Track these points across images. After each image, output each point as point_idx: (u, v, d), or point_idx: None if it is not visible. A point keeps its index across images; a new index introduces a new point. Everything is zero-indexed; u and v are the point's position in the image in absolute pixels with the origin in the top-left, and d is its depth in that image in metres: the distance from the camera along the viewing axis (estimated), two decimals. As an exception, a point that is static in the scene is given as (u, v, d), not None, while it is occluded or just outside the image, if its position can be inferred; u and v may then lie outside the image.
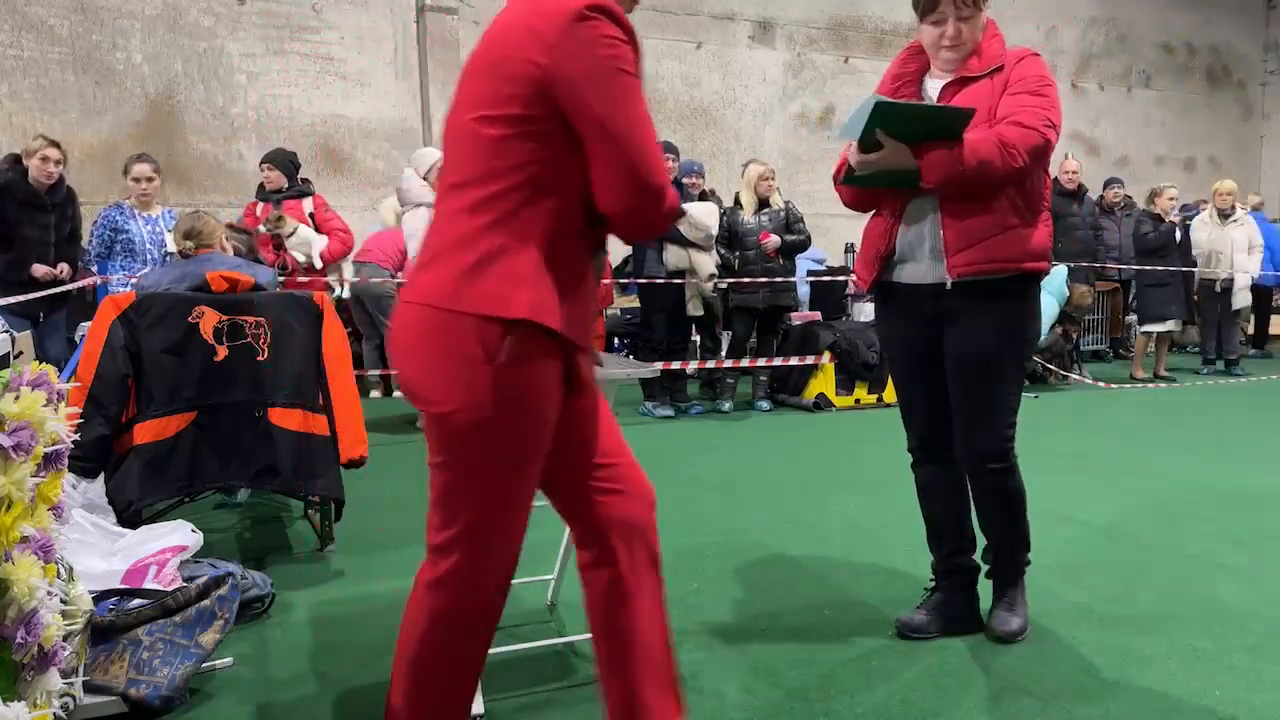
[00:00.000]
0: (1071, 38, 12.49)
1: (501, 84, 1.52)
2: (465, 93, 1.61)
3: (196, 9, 8.42)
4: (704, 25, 10.47)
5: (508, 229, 1.53)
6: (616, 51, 1.49)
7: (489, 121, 1.53)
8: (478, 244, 1.52)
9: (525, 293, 1.52)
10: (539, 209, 1.54)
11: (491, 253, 1.52)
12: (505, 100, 1.52)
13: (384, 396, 7.62)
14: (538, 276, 1.53)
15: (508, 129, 1.52)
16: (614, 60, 1.48)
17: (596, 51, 1.47)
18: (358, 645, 2.65)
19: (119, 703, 2.21)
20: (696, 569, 3.28)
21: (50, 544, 1.64)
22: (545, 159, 1.53)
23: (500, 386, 1.52)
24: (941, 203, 2.41)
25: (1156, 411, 6.68)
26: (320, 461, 3.38)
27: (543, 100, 1.50)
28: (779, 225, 6.69)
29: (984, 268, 2.40)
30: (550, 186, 1.54)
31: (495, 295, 1.50)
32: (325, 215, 5.99)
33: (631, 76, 1.51)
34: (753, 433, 6.12)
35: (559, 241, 1.56)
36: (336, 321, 3.54)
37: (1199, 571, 3.17)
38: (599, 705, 1.82)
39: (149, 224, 5.31)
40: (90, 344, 3.17)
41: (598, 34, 1.47)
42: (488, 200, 1.53)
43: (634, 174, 1.50)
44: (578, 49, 1.47)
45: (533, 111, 1.50)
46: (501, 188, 1.52)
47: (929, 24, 2.45)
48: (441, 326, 1.53)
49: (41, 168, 5.09)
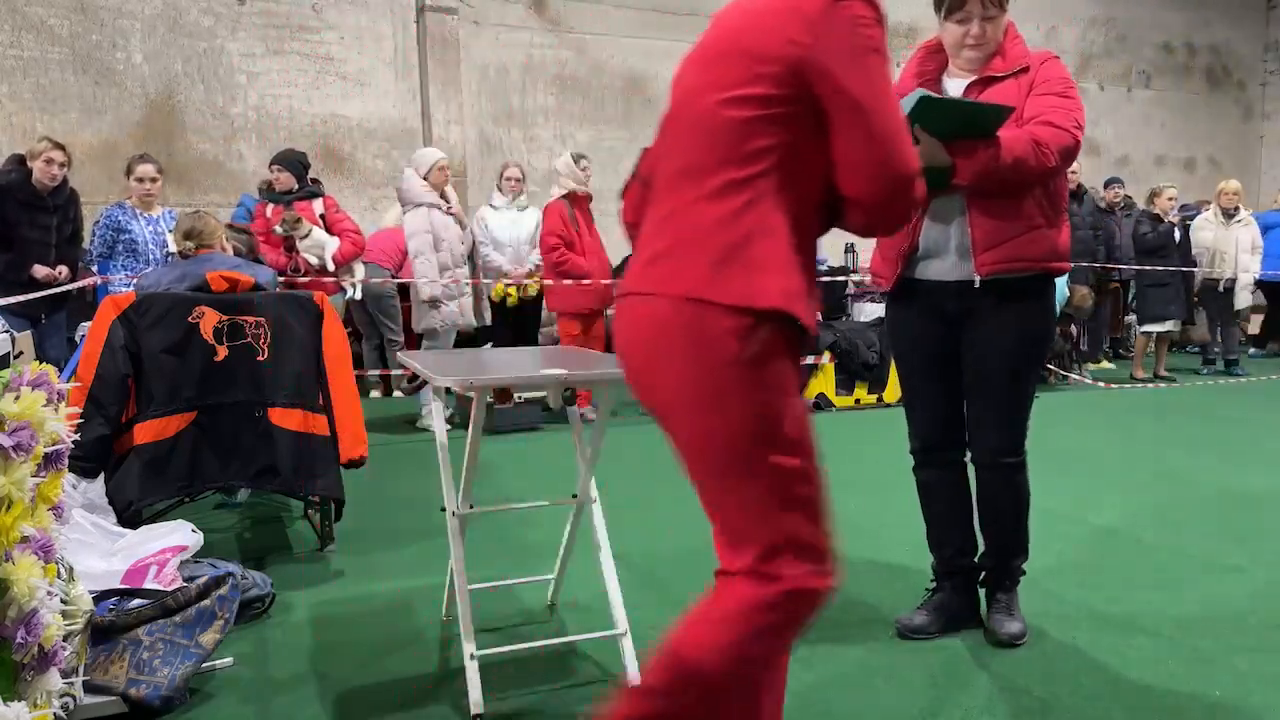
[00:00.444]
0: (1071, 38, 12.48)
1: (752, 64, 1.47)
2: (703, 78, 1.56)
3: (196, 9, 8.42)
4: (704, 25, 10.41)
5: (754, 215, 1.46)
6: (873, 33, 1.45)
7: (735, 103, 1.47)
8: (724, 231, 1.45)
9: (777, 282, 1.44)
10: (784, 195, 1.48)
11: (739, 240, 1.45)
12: (755, 80, 1.46)
13: (384, 396, 7.62)
14: (787, 265, 1.46)
15: (756, 110, 1.46)
16: (871, 41, 1.45)
17: (857, 31, 1.44)
18: (358, 645, 2.65)
19: (119, 703, 2.21)
20: (697, 569, 3.27)
21: (50, 544, 1.65)
22: (791, 143, 1.47)
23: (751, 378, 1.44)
24: (969, 201, 2.42)
25: (1156, 411, 6.68)
26: (320, 461, 3.38)
27: (796, 81, 1.44)
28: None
29: (1011, 266, 2.42)
30: (795, 172, 1.48)
31: (746, 284, 1.43)
32: (336, 216, 5.97)
33: (885, 60, 1.47)
34: (753, 433, 6.11)
35: (801, 229, 1.49)
36: (336, 321, 3.54)
37: (1199, 571, 3.17)
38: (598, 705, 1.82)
39: (151, 224, 5.31)
40: (90, 344, 3.17)
41: (857, 14, 1.44)
42: (731, 186, 1.47)
43: (889, 160, 1.45)
44: (839, 28, 1.43)
45: (783, 92, 1.45)
46: (747, 173, 1.46)
47: (953, 22, 2.45)
48: (688, 318, 1.44)
49: (46, 170, 5.10)
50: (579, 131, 9.89)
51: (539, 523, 3.77)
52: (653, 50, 10.03)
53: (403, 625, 2.81)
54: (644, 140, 1.82)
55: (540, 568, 3.06)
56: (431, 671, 2.49)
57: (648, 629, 2.70)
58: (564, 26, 9.77)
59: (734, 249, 1.44)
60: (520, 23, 9.65)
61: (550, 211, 6.38)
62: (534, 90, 9.77)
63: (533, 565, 3.20)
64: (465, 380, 2.14)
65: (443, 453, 2.38)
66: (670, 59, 10.35)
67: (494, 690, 2.30)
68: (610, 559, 2.46)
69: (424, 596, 3.01)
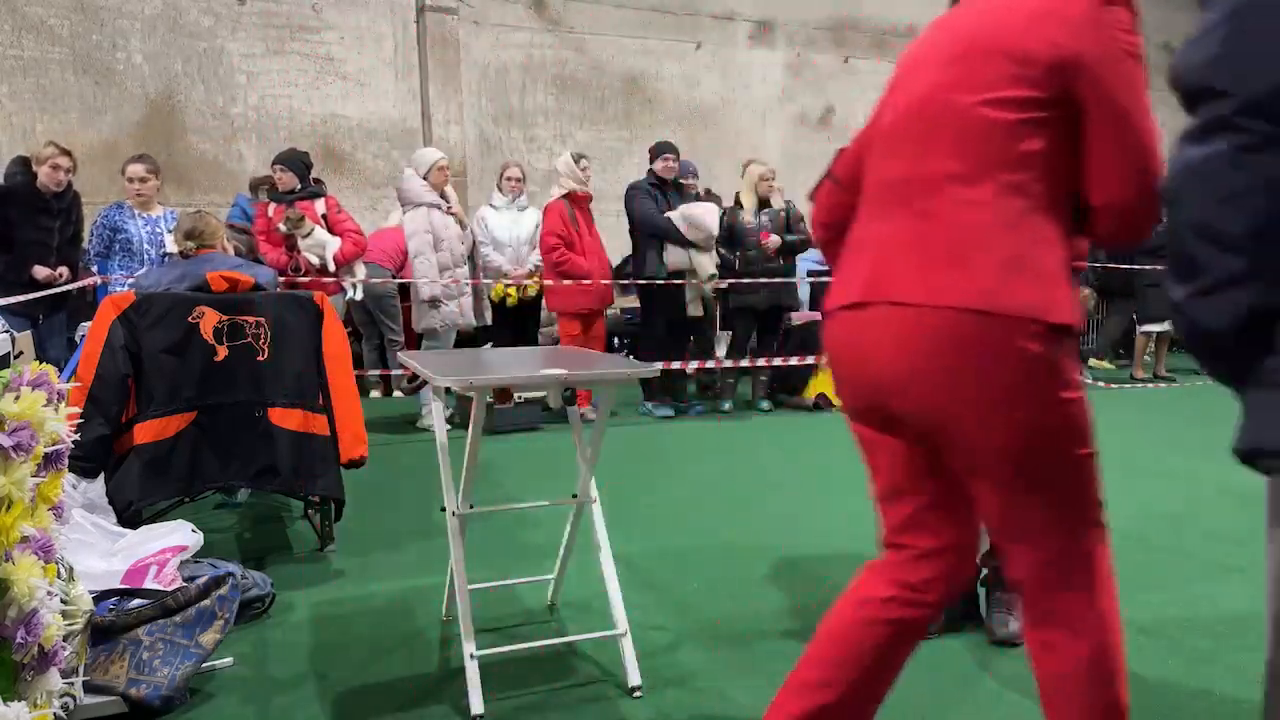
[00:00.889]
0: (1071, 38, 12.49)
1: (1013, 65, 1.44)
2: (946, 76, 1.52)
3: (196, 9, 8.42)
4: (703, 25, 10.46)
5: (1032, 223, 1.43)
6: (1135, 39, 1.44)
7: (1000, 105, 1.44)
8: (1005, 239, 1.42)
9: (1063, 294, 1.42)
10: (1055, 200, 1.45)
11: (1023, 249, 1.42)
12: (1018, 82, 1.44)
13: (384, 396, 7.62)
14: (1065, 276, 1.44)
15: (1023, 112, 1.44)
16: (1134, 47, 1.43)
17: (1120, 36, 1.42)
18: (358, 645, 2.66)
19: (119, 703, 2.21)
20: (697, 569, 3.28)
21: (50, 544, 1.64)
22: (1055, 148, 1.44)
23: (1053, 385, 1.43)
24: None
25: (1157, 411, 6.68)
26: (320, 461, 3.38)
27: (1059, 84, 1.42)
28: (779, 225, 6.70)
29: None
30: (1061, 176, 1.46)
31: (1037, 296, 1.41)
32: (338, 216, 5.97)
33: (1143, 65, 1.45)
34: (753, 433, 6.12)
35: (1068, 236, 1.48)
36: (336, 321, 3.54)
37: (1200, 571, 3.17)
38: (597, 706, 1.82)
39: (148, 224, 5.31)
40: (90, 344, 3.17)
41: (1120, 19, 1.43)
42: (1006, 190, 1.44)
43: (1145, 168, 1.41)
44: (1103, 33, 1.41)
45: (1047, 95, 1.43)
46: (1020, 178, 1.44)
47: None
48: (978, 331, 1.41)
49: (52, 175, 5.12)
50: (579, 131, 9.89)
51: (539, 523, 3.77)
52: (653, 50, 10.04)
53: (403, 625, 2.81)
54: (644, 140, 1.81)
55: (540, 568, 3.06)
56: (431, 671, 2.49)
57: (648, 629, 2.70)
58: (564, 26, 9.77)
59: (1018, 259, 1.42)
60: (520, 22, 9.65)
61: (550, 211, 6.38)
62: (534, 90, 9.77)
63: (533, 565, 3.20)
64: (465, 380, 2.14)
65: (443, 453, 2.38)
66: (670, 59, 10.39)
67: (494, 690, 2.30)
68: (610, 559, 2.46)
69: (424, 596, 3.01)
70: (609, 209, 8.44)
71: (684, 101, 10.49)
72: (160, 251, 5.19)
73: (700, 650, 2.57)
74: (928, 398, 1.48)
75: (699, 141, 10.42)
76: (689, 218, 6.34)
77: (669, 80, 10.33)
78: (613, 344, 8.39)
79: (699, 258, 6.41)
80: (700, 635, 2.68)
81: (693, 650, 2.57)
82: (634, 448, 5.53)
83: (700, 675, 2.41)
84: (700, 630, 2.72)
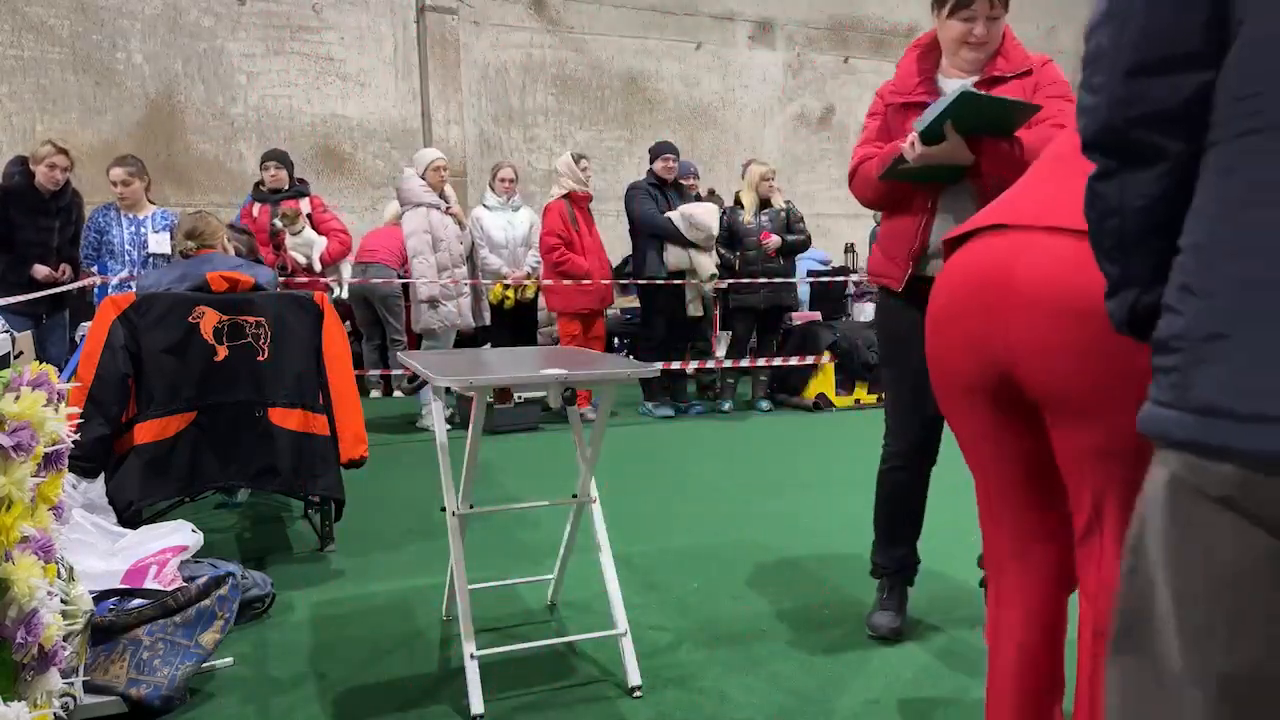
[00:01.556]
0: (1071, 38, 12.47)
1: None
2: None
3: (196, 9, 8.42)
4: (703, 25, 10.47)
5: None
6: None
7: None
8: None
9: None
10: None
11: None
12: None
13: (384, 396, 7.62)
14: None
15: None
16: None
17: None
18: (358, 645, 2.66)
19: (119, 703, 2.21)
20: (697, 569, 3.28)
21: (50, 544, 1.65)
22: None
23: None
24: (982, 198, 2.42)
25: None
26: (320, 461, 3.38)
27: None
28: (779, 225, 6.70)
29: None
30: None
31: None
32: (323, 216, 5.98)
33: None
34: (753, 433, 6.12)
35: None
36: (337, 321, 3.54)
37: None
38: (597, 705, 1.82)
39: (132, 225, 5.30)
40: (90, 344, 3.17)
41: None
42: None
43: None
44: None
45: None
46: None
47: (958, 20, 2.44)
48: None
49: (49, 174, 5.11)
50: (579, 131, 9.89)
51: (539, 523, 3.77)
52: (653, 50, 10.04)
53: (402, 625, 2.81)
54: (644, 140, 1.82)
55: (540, 568, 3.07)
56: (431, 671, 2.49)
57: (648, 629, 2.71)
58: (563, 26, 9.77)
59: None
60: (520, 22, 9.66)
61: (550, 211, 6.38)
62: (533, 90, 9.77)
63: (533, 565, 3.21)
64: (465, 380, 2.14)
65: (443, 453, 2.38)
66: (670, 59, 10.39)
67: (494, 690, 2.30)
68: (610, 559, 2.46)
69: (424, 596, 3.01)
70: (609, 209, 8.45)
71: (684, 102, 10.49)
72: (143, 252, 5.19)
73: (700, 650, 2.57)
74: (1088, 391, 1.37)
75: (699, 142, 10.42)
76: (689, 218, 6.34)
77: (669, 80, 10.34)
78: (613, 344, 8.39)
79: (699, 258, 6.41)
80: (700, 635, 2.68)
81: (693, 650, 2.57)
82: (634, 448, 5.53)
83: (700, 675, 2.41)
84: (700, 630, 2.72)
